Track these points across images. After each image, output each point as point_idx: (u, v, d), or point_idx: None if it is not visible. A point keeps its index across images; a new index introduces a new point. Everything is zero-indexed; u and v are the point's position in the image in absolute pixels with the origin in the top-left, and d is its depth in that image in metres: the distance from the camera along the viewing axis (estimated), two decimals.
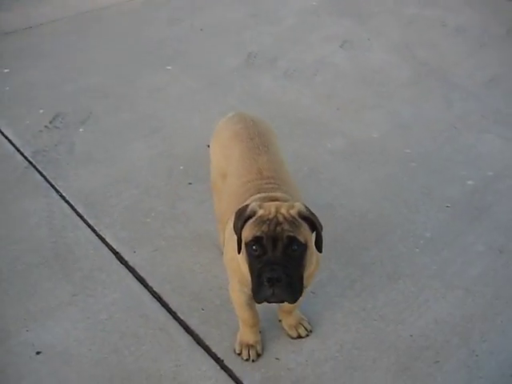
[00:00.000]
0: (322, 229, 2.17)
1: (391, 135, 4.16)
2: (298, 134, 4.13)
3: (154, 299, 2.93)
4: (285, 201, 2.31)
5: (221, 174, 2.76)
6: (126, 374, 2.57)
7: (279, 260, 2.01)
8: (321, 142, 4.04)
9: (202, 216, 3.42)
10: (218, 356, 2.68)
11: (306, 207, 2.14)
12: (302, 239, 2.04)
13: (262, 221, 2.05)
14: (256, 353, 2.65)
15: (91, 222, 3.35)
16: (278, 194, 2.33)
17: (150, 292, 2.97)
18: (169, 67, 4.96)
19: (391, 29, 5.71)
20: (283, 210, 2.07)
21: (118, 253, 3.18)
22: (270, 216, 2.05)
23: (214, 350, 2.70)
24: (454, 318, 2.86)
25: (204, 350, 2.70)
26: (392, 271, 3.08)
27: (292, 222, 2.04)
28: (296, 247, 2.03)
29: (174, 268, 3.11)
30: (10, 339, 2.70)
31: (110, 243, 3.23)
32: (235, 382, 2.58)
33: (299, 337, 2.75)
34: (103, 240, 3.25)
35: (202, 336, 2.76)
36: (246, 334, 2.65)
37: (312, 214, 2.13)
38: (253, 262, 2.08)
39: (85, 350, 2.66)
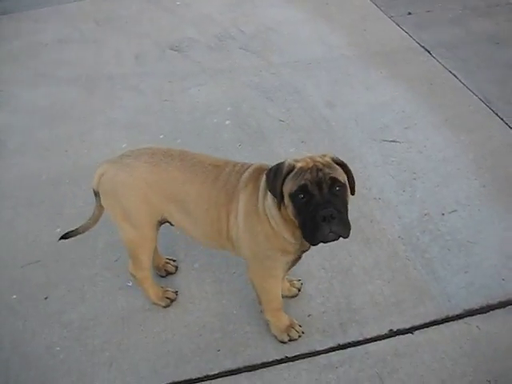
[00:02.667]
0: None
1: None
2: None
3: None
4: (268, 167, 2.39)
5: (154, 217, 2.55)
6: None
7: (328, 199, 2.10)
8: None
9: None
10: (278, 358, 2.64)
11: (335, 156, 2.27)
12: (341, 179, 2.17)
13: (303, 171, 2.14)
14: (299, 326, 2.72)
15: None
16: (258, 164, 2.43)
17: None
18: None
19: None
20: (318, 159, 2.18)
21: None
22: (310, 165, 2.15)
23: (270, 359, 2.64)
24: None
25: (264, 367, 2.62)
26: None
27: (329, 166, 2.17)
28: (338, 188, 2.14)
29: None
30: None
31: None
32: (314, 355, 2.64)
33: (299, 290, 2.93)
34: None
35: (247, 364, 2.63)
36: (281, 320, 2.68)
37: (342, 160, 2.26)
38: (301, 209, 2.13)
39: None
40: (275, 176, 2.19)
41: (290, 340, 2.68)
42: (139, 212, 2.52)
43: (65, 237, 2.86)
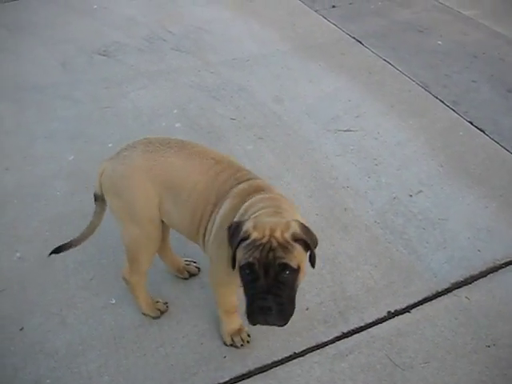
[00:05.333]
0: (316, 245, 2.09)
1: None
2: None
3: None
4: (267, 188, 2.31)
5: (154, 210, 2.41)
6: None
7: (270, 288, 1.96)
8: None
9: None
10: (287, 356, 2.62)
11: (302, 225, 2.04)
12: (294, 264, 1.97)
13: (255, 246, 1.96)
14: (248, 336, 2.66)
15: None
16: (258, 182, 2.33)
17: None
18: None
19: None
20: (277, 233, 1.97)
21: None
22: (264, 240, 1.96)
23: (279, 357, 2.61)
24: None
25: (275, 366, 2.58)
26: None
27: (285, 246, 1.96)
28: (288, 273, 1.96)
29: None
30: None
31: None
32: (321, 347, 2.65)
33: None
34: None
35: (258, 365, 2.58)
36: (232, 322, 2.62)
37: (307, 233, 2.03)
38: (246, 284, 2.04)
39: None
40: (232, 236, 2.06)
41: (231, 345, 2.63)
42: (140, 204, 2.39)
43: (56, 251, 2.70)
